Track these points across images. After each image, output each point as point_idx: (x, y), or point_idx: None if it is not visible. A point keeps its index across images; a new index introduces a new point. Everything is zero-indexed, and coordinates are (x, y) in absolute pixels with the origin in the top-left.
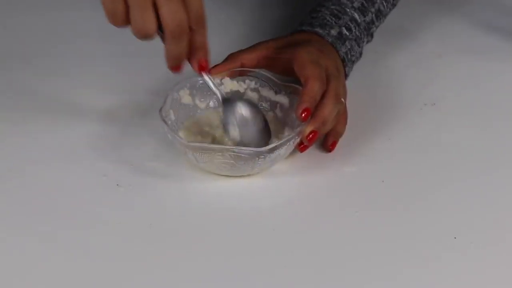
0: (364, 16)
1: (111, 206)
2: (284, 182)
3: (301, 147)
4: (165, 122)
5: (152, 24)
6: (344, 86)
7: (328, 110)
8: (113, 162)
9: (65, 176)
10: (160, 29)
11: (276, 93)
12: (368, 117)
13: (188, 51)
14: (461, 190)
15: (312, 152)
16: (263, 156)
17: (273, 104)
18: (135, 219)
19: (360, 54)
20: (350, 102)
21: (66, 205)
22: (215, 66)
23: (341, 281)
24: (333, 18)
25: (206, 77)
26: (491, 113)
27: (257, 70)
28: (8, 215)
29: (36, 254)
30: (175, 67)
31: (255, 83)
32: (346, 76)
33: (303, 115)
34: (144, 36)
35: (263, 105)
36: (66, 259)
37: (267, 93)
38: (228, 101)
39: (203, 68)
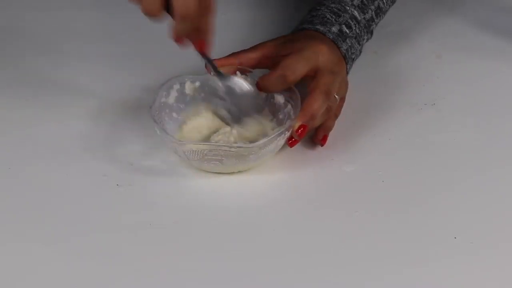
0: (364, 14)
1: (111, 206)
2: (282, 180)
3: (290, 142)
4: (155, 120)
5: (157, 5)
6: (342, 82)
7: (316, 105)
8: (113, 162)
9: (65, 176)
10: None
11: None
12: (368, 117)
13: (193, 32)
14: (461, 190)
15: (311, 151)
16: (254, 152)
17: (269, 102)
18: (135, 219)
19: (360, 51)
20: (350, 102)
21: (65, 205)
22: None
23: (340, 281)
24: (333, 16)
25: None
26: (491, 113)
27: (252, 70)
28: (7, 214)
29: (35, 254)
30: (178, 40)
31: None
32: (346, 73)
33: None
34: (149, 14)
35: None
36: (65, 259)
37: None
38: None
39: (201, 48)
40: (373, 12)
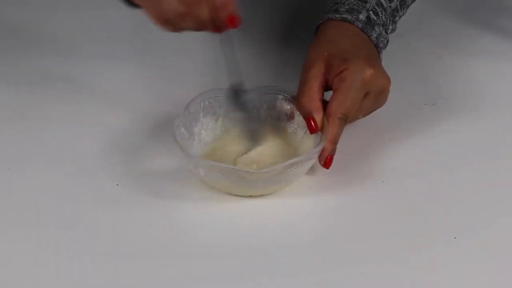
0: (390, 2)
1: (111, 206)
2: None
3: (325, 162)
4: (175, 135)
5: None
6: (373, 76)
7: (334, 132)
8: (114, 163)
9: (65, 176)
10: None
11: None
12: (368, 117)
13: (212, 16)
14: (461, 190)
15: None
16: (260, 179)
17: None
18: (135, 220)
19: (387, 41)
20: None
21: (66, 205)
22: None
23: (339, 280)
24: (359, 2)
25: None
26: (491, 113)
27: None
28: (7, 214)
29: (35, 255)
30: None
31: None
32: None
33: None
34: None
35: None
36: (64, 260)
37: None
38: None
39: (233, 21)
40: (398, 2)
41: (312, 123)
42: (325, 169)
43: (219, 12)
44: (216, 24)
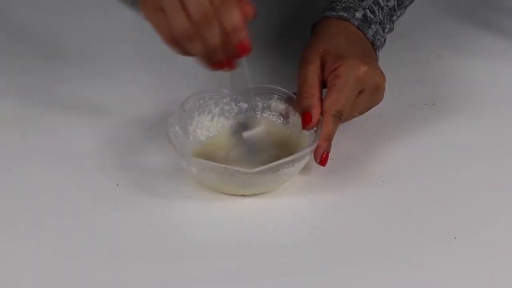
0: (387, 1)
1: (111, 206)
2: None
3: (321, 160)
4: (168, 133)
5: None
6: (367, 73)
7: (328, 129)
8: (114, 162)
9: (65, 176)
10: None
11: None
12: (368, 117)
13: (222, 41)
14: (461, 190)
15: None
16: (252, 179)
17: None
18: (135, 220)
19: (385, 40)
20: None
21: (66, 205)
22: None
23: (339, 280)
24: (356, 0)
25: (245, 65)
26: (491, 113)
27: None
28: (7, 214)
29: (35, 255)
30: (218, 64)
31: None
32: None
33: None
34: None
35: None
36: (64, 260)
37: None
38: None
39: (244, 49)
40: (395, 2)
41: (308, 118)
42: (323, 169)
43: (229, 37)
44: (226, 52)
